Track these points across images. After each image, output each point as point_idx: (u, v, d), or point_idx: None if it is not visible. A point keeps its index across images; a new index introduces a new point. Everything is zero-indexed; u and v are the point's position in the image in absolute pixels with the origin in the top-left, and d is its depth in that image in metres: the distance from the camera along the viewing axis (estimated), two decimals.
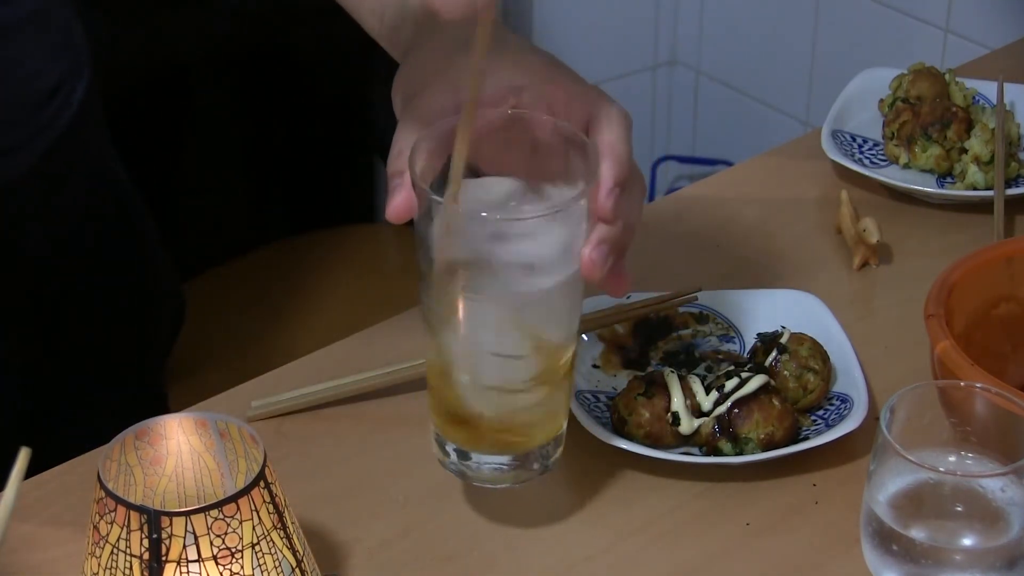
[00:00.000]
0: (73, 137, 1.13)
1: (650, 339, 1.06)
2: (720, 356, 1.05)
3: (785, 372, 1.00)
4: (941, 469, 0.84)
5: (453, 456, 0.90)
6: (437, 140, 0.85)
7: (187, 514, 0.73)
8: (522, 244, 0.83)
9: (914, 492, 0.84)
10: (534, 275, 0.84)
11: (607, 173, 0.84)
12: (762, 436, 0.96)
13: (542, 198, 0.87)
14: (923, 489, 0.83)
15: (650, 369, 1.03)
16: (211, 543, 0.74)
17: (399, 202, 0.85)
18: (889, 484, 0.84)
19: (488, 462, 0.89)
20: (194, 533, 0.73)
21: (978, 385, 0.86)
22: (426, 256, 0.85)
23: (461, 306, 0.84)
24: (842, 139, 1.28)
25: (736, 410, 0.96)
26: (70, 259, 1.18)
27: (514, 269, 0.84)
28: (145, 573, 0.74)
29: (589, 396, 1.00)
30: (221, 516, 0.74)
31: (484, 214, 0.83)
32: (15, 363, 1.16)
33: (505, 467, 0.89)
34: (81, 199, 1.18)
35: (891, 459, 0.82)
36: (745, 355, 1.04)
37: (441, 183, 0.85)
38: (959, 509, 0.83)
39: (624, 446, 0.95)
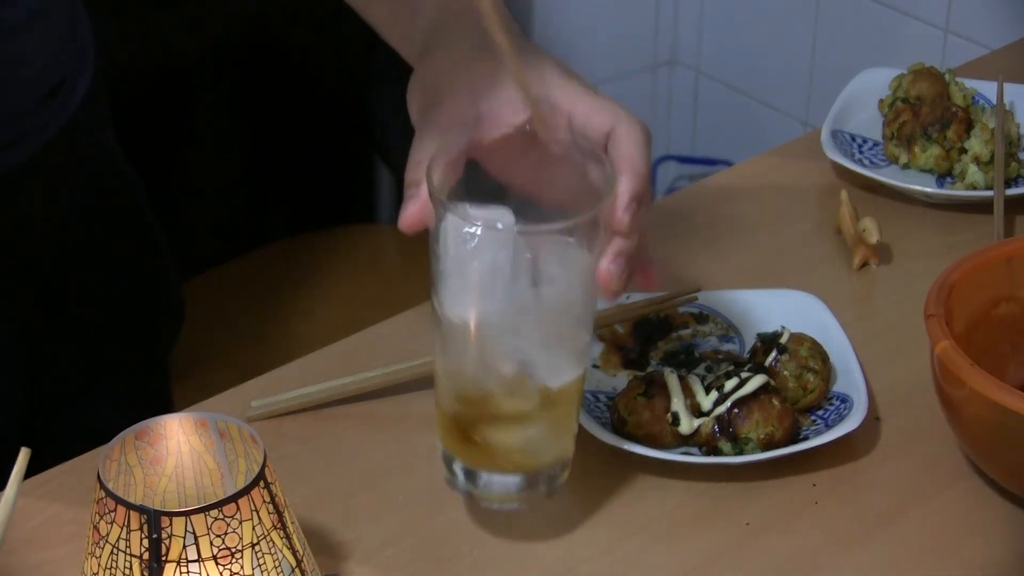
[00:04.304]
0: (74, 133, 1.13)
1: (650, 339, 1.06)
2: (720, 356, 1.05)
3: (785, 372, 1.00)
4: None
5: (460, 476, 0.90)
6: (455, 153, 0.85)
7: (187, 514, 0.73)
8: (537, 258, 0.83)
9: None
10: (547, 289, 0.84)
11: (625, 187, 0.84)
12: (762, 436, 0.96)
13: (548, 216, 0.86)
14: None
15: (650, 369, 1.03)
16: (211, 543, 0.74)
17: (413, 211, 0.85)
18: None
19: (496, 482, 0.89)
20: (194, 533, 0.73)
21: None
22: (439, 268, 0.84)
23: (472, 321, 0.84)
24: (842, 139, 1.28)
25: (736, 410, 0.96)
26: (74, 254, 1.18)
27: (527, 283, 0.83)
28: (145, 573, 0.74)
29: (589, 396, 1.00)
30: (221, 516, 0.74)
31: (500, 225, 0.82)
32: (17, 359, 1.16)
33: (513, 487, 0.89)
34: (85, 195, 1.18)
35: None
36: (745, 355, 1.04)
37: (457, 194, 0.84)
38: None
39: (624, 446, 0.95)
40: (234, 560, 0.74)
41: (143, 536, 0.73)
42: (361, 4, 1.01)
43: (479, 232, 0.82)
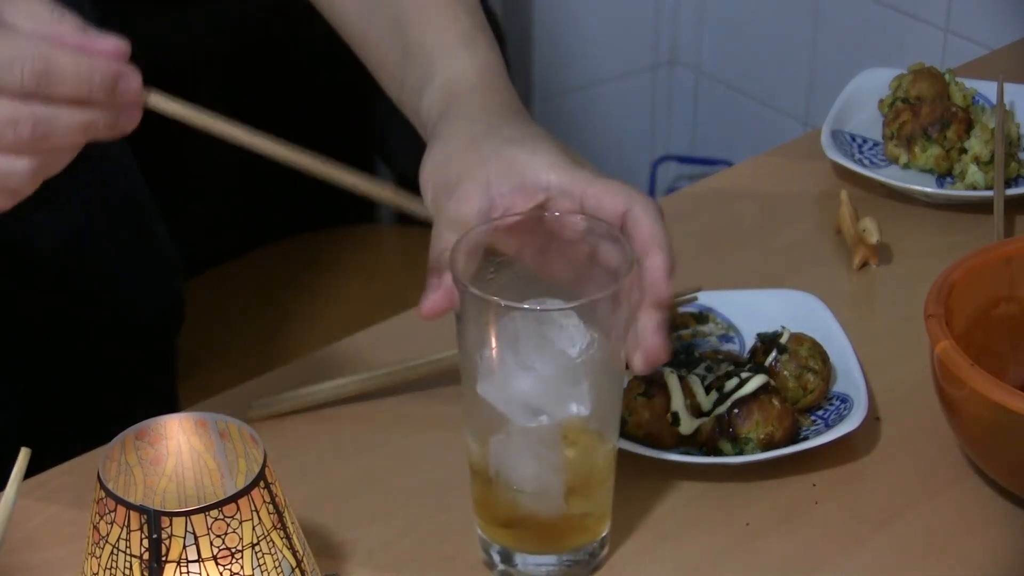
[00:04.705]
0: None
1: None
2: (720, 356, 1.05)
3: (785, 372, 1.00)
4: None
5: (497, 559, 0.90)
6: (475, 243, 0.87)
7: (187, 514, 0.73)
8: (563, 336, 0.84)
9: None
10: (573, 365, 0.85)
11: (659, 263, 0.86)
12: (762, 436, 0.96)
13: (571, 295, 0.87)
14: None
15: None
16: (211, 543, 0.74)
17: (435, 300, 0.89)
18: None
19: (534, 562, 0.89)
20: (194, 533, 0.73)
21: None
22: (468, 355, 0.85)
23: (504, 403, 0.85)
24: (842, 139, 1.28)
25: (736, 410, 0.96)
26: (75, 254, 1.18)
27: (554, 362, 0.84)
28: (145, 573, 0.74)
29: None
30: (221, 516, 0.74)
31: (525, 305, 0.83)
32: (18, 361, 1.16)
33: (552, 568, 0.89)
34: (86, 195, 1.18)
35: None
36: (745, 355, 1.04)
37: (477, 279, 0.86)
38: None
39: (624, 446, 0.95)
40: (234, 560, 0.74)
41: (143, 536, 0.73)
42: (373, 65, 1.03)
43: (506, 315, 0.83)
